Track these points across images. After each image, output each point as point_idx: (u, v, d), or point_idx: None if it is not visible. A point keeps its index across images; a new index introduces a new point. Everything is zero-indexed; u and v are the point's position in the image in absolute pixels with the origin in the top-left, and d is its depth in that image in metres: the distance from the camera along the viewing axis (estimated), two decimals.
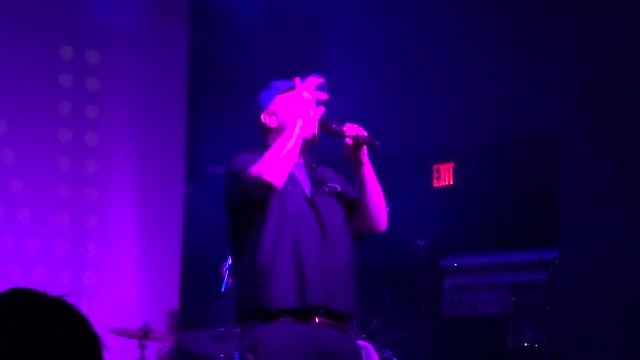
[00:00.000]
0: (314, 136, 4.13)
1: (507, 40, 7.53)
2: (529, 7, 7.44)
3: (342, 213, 4.21)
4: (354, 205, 4.25)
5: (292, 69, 4.34)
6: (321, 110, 4.15)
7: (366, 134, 4.13)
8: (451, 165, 8.17)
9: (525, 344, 7.44)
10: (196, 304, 7.78)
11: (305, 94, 4.10)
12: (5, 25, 7.58)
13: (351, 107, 4.27)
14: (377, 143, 4.11)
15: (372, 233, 4.30)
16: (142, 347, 6.83)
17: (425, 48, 7.83)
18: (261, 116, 4.23)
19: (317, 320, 3.95)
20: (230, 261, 6.34)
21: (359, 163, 4.15)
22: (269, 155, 3.90)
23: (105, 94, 7.93)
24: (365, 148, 4.15)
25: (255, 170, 3.88)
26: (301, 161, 4.19)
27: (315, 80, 4.14)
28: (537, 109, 7.33)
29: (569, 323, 6.92)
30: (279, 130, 4.15)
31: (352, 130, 4.12)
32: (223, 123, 8.21)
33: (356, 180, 4.22)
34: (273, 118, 4.21)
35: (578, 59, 7.02)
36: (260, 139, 4.20)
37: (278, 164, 3.88)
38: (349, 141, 4.13)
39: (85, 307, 7.68)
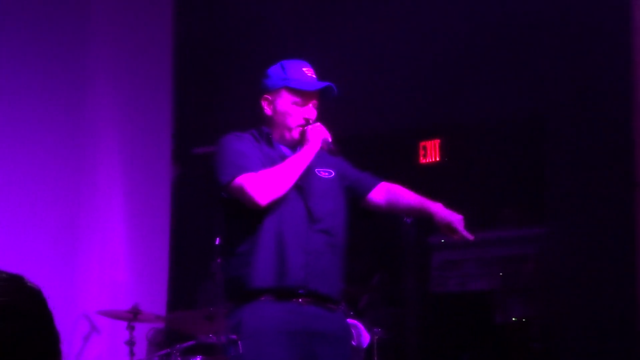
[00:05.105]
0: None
1: (494, 17, 7.51)
2: None
3: (339, 196, 4.22)
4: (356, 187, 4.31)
5: (282, 49, 4.32)
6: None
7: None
8: (437, 141, 8.16)
9: (513, 319, 7.46)
10: (186, 284, 7.78)
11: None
12: None
13: (338, 85, 4.24)
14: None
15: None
16: (131, 328, 6.82)
17: (410, 22, 7.79)
18: (261, 98, 4.22)
19: (300, 301, 3.99)
20: (218, 242, 6.36)
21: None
22: (266, 175, 3.97)
23: (89, 75, 7.86)
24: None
25: (246, 184, 3.95)
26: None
27: (324, 137, 4.14)
28: (524, 85, 7.32)
29: (558, 298, 6.95)
30: (270, 122, 4.17)
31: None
32: (210, 103, 8.19)
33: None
34: (270, 107, 4.20)
35: (559, 37, 7.04)
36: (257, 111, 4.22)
37: (273, 189, 3.96)
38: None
39: (75, 289, 7.63)
